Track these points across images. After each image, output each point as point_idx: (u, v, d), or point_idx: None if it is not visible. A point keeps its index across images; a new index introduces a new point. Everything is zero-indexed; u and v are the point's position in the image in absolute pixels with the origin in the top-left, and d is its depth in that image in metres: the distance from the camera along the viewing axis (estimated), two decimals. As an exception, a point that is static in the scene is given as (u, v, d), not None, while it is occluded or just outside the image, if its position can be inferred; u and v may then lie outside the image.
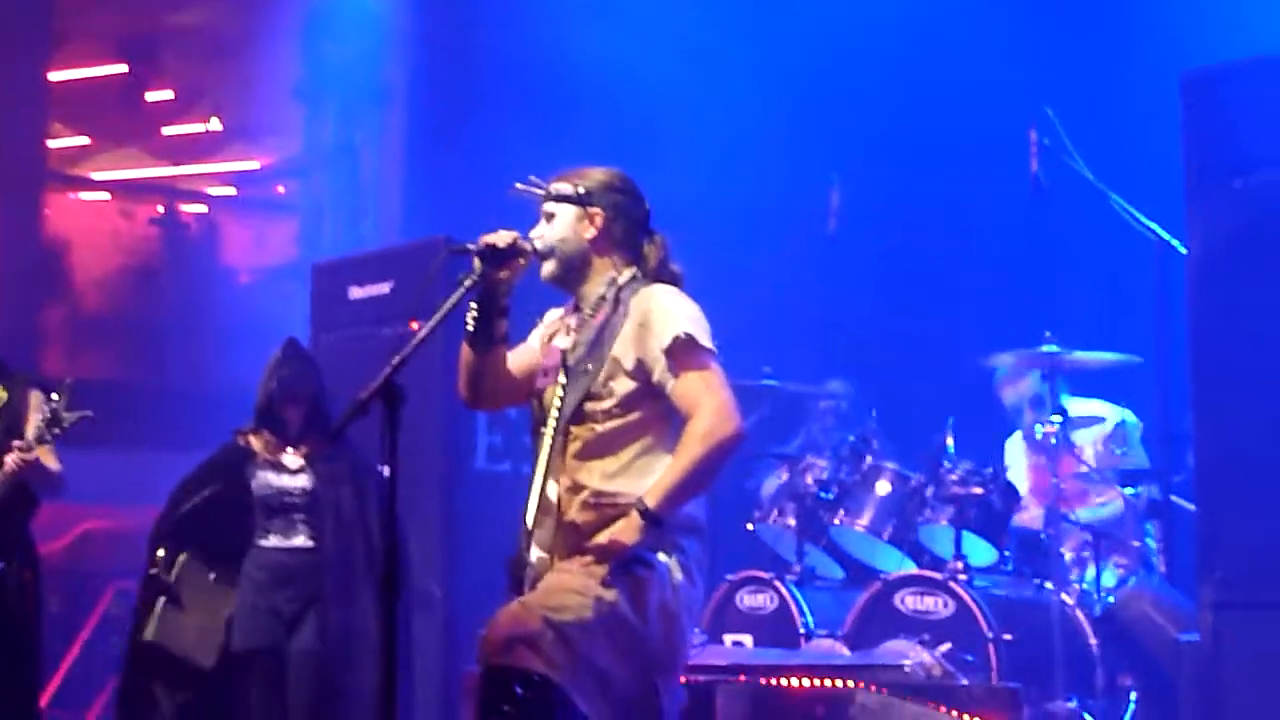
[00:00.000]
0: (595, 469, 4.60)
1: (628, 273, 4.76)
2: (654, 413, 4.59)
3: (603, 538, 4.52)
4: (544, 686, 4.30)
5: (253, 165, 13.80)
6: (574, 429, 4.64)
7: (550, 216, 4.78)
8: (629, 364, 4.59)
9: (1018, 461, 7.98)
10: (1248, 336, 5.81)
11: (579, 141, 9.35)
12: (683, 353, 4.53)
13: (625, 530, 4.47)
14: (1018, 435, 8.02)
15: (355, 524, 6.64)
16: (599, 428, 4.61)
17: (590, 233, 4.77)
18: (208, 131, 13.63)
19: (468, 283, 4.54)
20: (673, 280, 4.79)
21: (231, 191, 14.22)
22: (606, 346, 4.64)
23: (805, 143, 9.33)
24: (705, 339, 4.56)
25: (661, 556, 4.54)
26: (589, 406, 4.61)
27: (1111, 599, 6.87)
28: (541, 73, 10.18)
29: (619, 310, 4.67)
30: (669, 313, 4.58)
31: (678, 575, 4.55)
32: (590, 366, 4.62)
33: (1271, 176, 5.78)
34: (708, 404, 4.49)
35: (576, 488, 4.60)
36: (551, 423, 4.66)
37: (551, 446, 4.64)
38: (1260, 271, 5.79)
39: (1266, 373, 5.73)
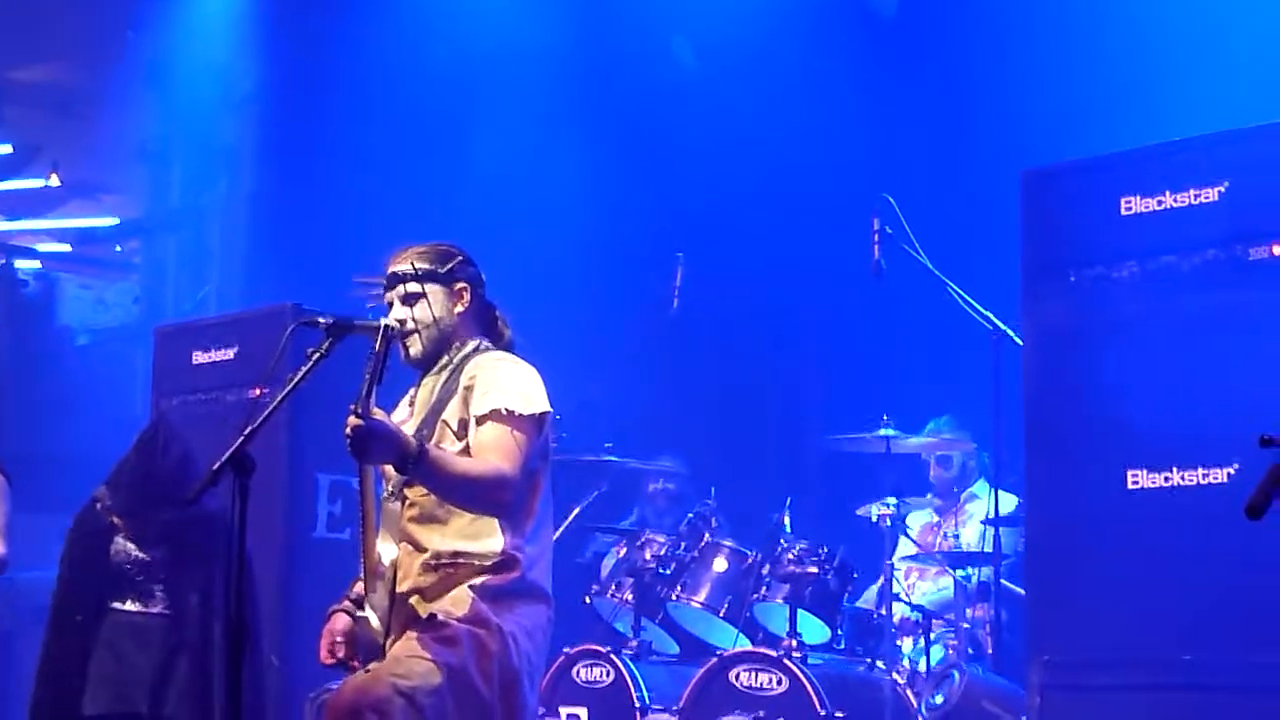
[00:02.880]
0: (433, 532, 4.62)
1: (472, 344, 4.81)
2: None
3: (444, 602, 4.54)
4: None
5: (93, 223, 13.63)
6: (408, 493, 4.65)
7: (415, 296, 4.79)
8: (455, 425, 4.64)
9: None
10: (1078, 427, 5.96)
11: (424, 210, 9.40)
12: (495, 420, 4.57)
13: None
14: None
15: (209, 591, 6.55)
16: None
17: (460, 309, 4.81)
18: (46, 187, 13.43)
19: (317, 356, 4.54)
20: (510, 351, 4.86)
21: (69, 249, 14.02)
22: (439, 412, 4.68)
23: (650, 220, 9.43)
24: (529, 407, 4.59)
25: (503, 618, 4.56)
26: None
27: (940, 699, 6.95)
28: (387, 140, 10.20)
29: (455, 377, 4.71)
30: (495, 382, 4.64)
31: (519, 639, 4.57)
32: (425, 432, 4.65)
33: (1106, 271, 5.95)
34: (494, 461, 4.52)
35: (417, 549, 4.61)
36: (388, 488, 4.68)
37: (388, 513, 4.67)
38: (1092, 364, 5.94)
39: (1097, 461, 5.88)
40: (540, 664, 4.71)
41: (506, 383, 4.64)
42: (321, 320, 4.60)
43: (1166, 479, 5.69)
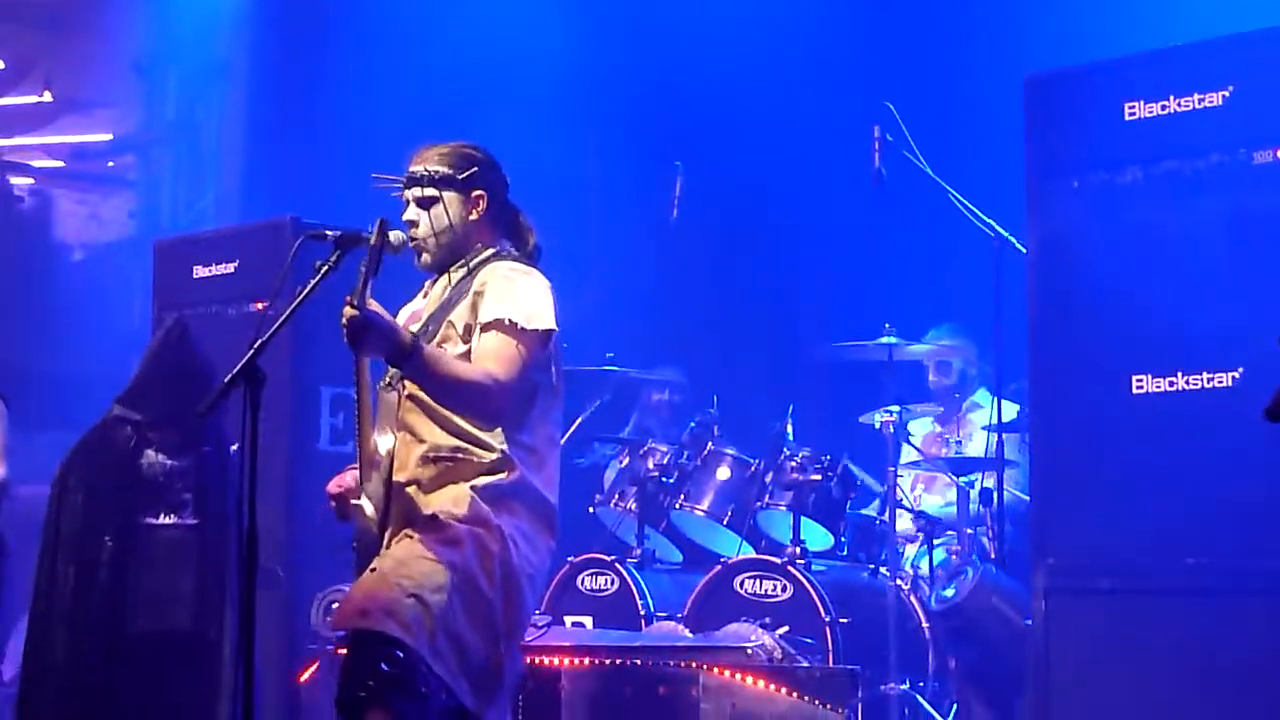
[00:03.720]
0: (433, 424, 4.61)
1: (491, 250, 4.80)
2: None
3: (444, 499, 4.56)
4: (404, 651, 4.31)
5: (87, 139, 13.56)
6: (407, 383, 4.65)
7: (430, 201, 4.78)
8: (460, 329, 4.63)
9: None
10: (1083, 333, 5.97)
11: (421, 120, 9.36)
12: (498, 329, 4.56)
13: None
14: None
15: (224, 502, 6.57)
16: None
17: (475, 215, 4.79)
18: (39, 103, 13.35)
19: (324, 269, 4.53)
20: (533, 258, 4.85)
21: (62, 165, 13.95)
22: (448, 312, 4.69)
23: (649, 130, 9.40)
24: (533, 322, 4.58)
25: (503, 519, 4.57)
26: None
27: (951, 591, 7.02)
28: (387, 50, 10.15)
29: (468, 281, 4.71)
30: (505, 292, 4.61)
31: (518, 542, 4.59)
32: (430, 329, 4.66)
33: (1109, 178, 5.94)
34: (490, 368, 4.51)
35: (416, 440, 4.63)
36: (386, 377, 4.67)
37: (385, 402, 4.65)
38: (1096, 270, 5.95)
39: (1100, 369, 5.89)
40: (541, 568, 4.71)
41: (516, 294, 4.63)
42: (329, 233, 4.60)
43: (1171, 383, 5.71)
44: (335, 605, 5.43)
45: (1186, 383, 5.67)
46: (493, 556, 4.52)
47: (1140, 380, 5.78)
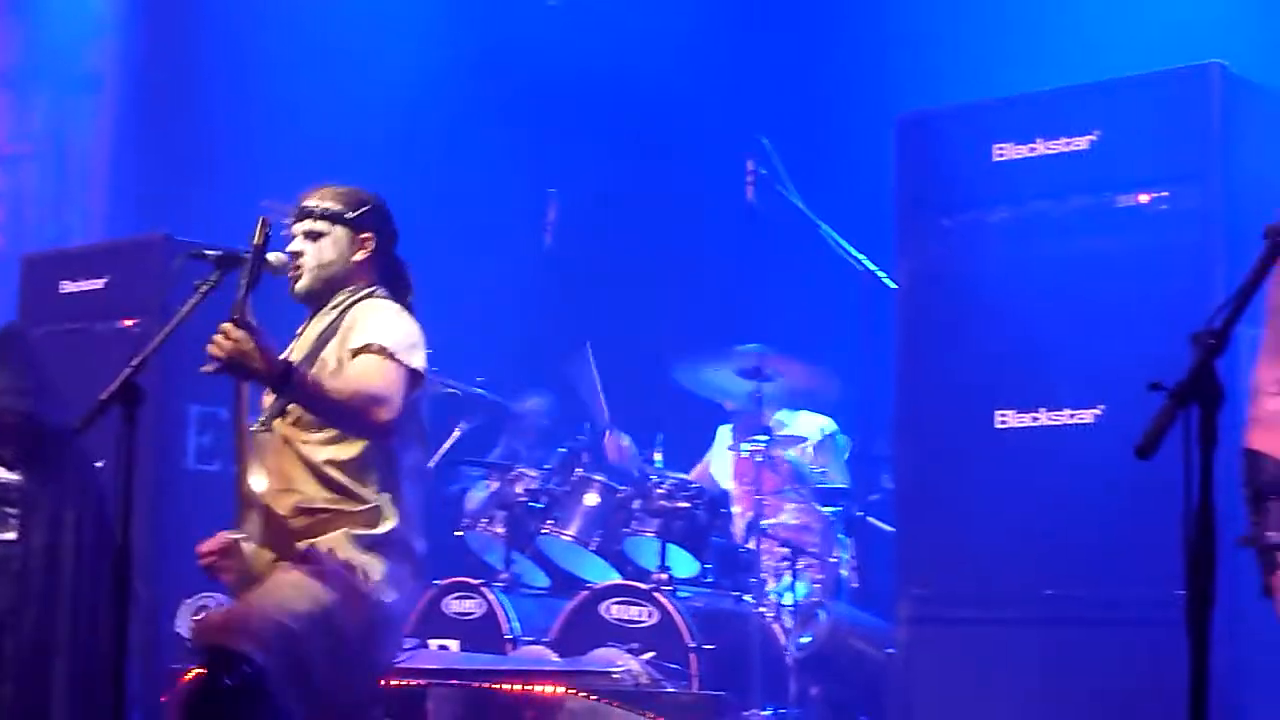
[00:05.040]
0: (306, 478, 4.69)
1: (366, 290, 4.85)
2: None
3: (320, 542, 4.62)
4: (254, 669, 4.35)
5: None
6: (283, 432, 4.71)
7: (318, 235, 4.82)
8: (332, 363, 4.68)
9: (723, 470, 8.22)
10: (949, 368, 6.10)
11: (291, 141, 9.34)
12: (372, 352, 4.61)
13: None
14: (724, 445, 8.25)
15: (71, 521, 6.50)
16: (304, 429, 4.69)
17: (360, 256, 4.84)
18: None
19: (204, 288, 4.57)
20: (409, 307, 4.91)
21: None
22: (320, 349, 4.72)
23: (525, 155, 9.44)
24: (405, 357, 4.63)
25: (375, 567, 4.62)
26: (292, 407, 4.68)
27: (808, 638, 7.09)
28: (259, 67, 10.10)
29: (340, 318, 4.76)
30: (377, 323, 4.69)
31: (387, 589, 4.65)
32: (302, 367, 4.68)
33: (978, 217, 6.08)
34: (375, 381, 4.56)
35: (290, 490, 4.68)
36: (261, 419, 4.72)
37: (259, 443, 4.71)
38: (963, 307, 6.08)
39: (964, 403, 6.02)
40: (405, 618, 4.81)
41: (389, 326, 4.70)
42: (209, 253, 4.63)
43: (1034, 419, 5.84)
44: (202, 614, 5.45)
45: (1049, 419, 5.81)
46: (360, 598, 4.58)
47: (1004, 415, 5.91)
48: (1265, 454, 3.38)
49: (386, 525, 4.69)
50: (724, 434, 8.28)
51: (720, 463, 8.25)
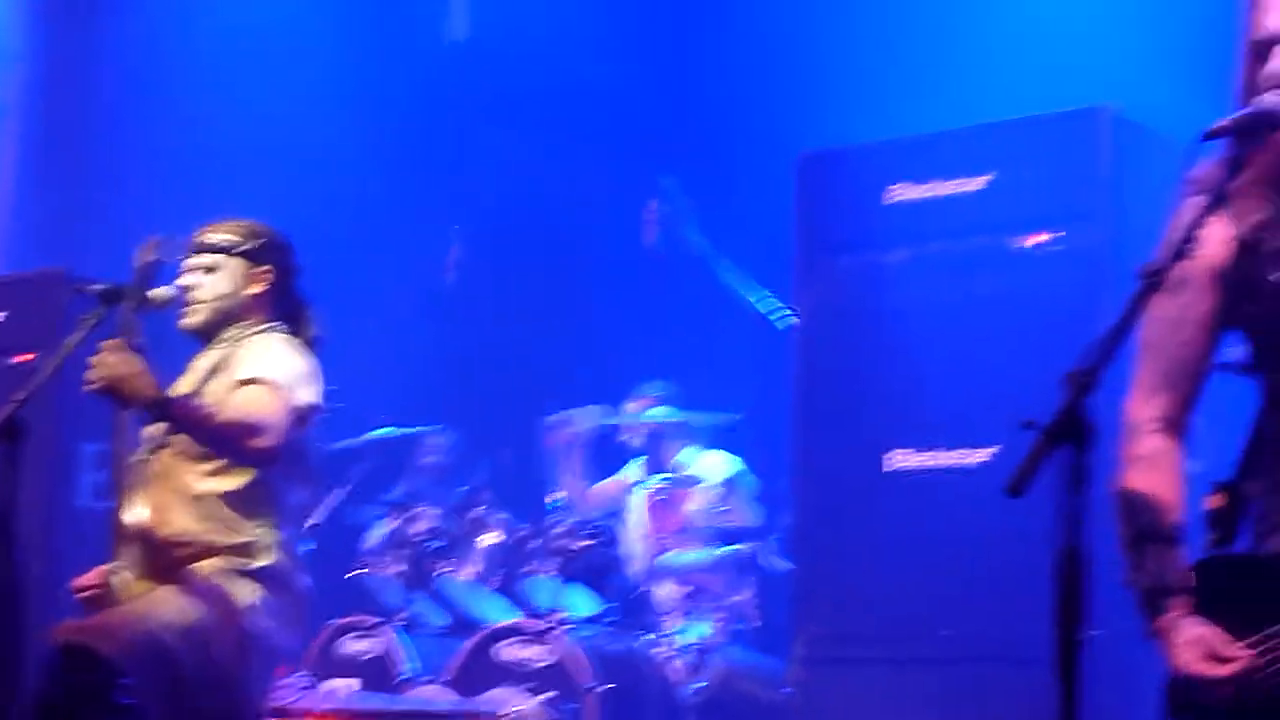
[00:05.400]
0: (185, 510, 4.64)
1: (261, 325, 4.80)
2: None
3: (199, 569, 4.58)
4: (107, 667, 4.31)
5: None
6: (165, 462, 4.67)
7: (211, 269, 4.77)
8: (207, 397, 4.64)
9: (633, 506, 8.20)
10: (845, 407, 6.10)
11: (192, 177, 9.24)
12: (258, 384, 4.58)
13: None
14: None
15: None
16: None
17: (255, 289, 4.79)
18: None
19: (89, 323, 4.52)
20: (309, 345, 4.86)
21: None
22: (208, 383, 4.68)
23: (428, 195, 9.39)
24: (293, 390, 4.59)
25: (249, 593, 4.58)
26: (174, 438, 4.64)
27: (703, 683, 7.06)
28: (160, 102, 9.97)
29: (231, 351, 4.71)
30: (265, 356, 4.65)
31: (261, 616, 4.60)
32: (183, 395, 4.66)
33: (876, 256, 6.09)
34: (257, 410, 4.52)
35: (167, 522, 4.63)
36: (144, 451, 4.68)
37: (142, 475, 4.68)
38: (860, 347, 6.09)
39: (863, 440, 6.03)
40: (287, 648, 4.74)
41: (277, 360, 4.65)
42: (95, 287, 4.59)
43: (931, 459, 5.85)
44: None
45: (944, 459, 5.81)
46: (232, 620, 4.53)
47: (900, 455, 5.91)
48: (1143, 493, 3.33)
49: (265, 559, 4.64)
50: (631, 469, 8.24)
51: (632, 500, 8.18)
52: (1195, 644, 3.17)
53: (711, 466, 7.88)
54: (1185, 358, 3.37)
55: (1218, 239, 3.26)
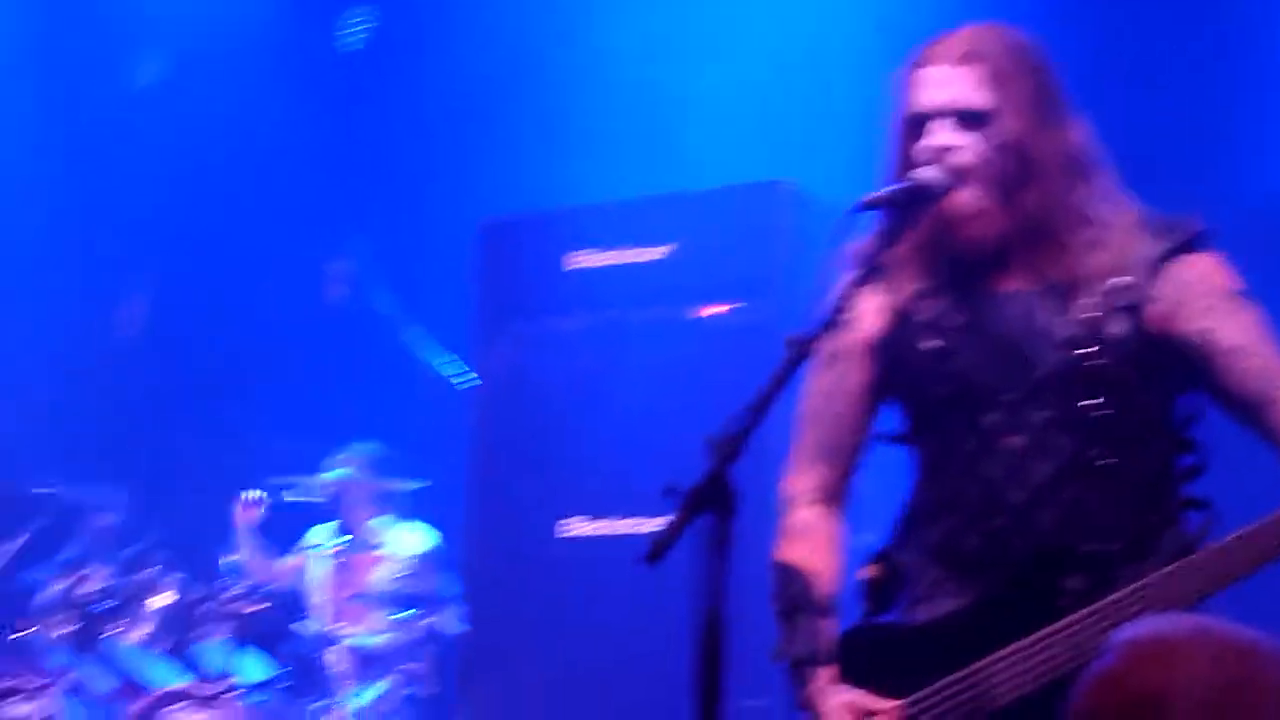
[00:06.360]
0: None
1: None
2: None
3: None
4: None
5: None
6: None
7: None
8: None
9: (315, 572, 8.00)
10: (519, 472, 6.03)
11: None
12: None
13: None
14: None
15: None
16: None
17: None
18: None
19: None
20: None
21: None
22: None
23: (110, 247, 9.08)
24: None
25: None
26: None
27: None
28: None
29: None
30: None
31: None
32: None
33: (555, 322, 6.04)
34: None
35: None
36: None
37: None
38: (535, 413, 6.04)
39: (536, 506, 5.97)
40: None
41: None
42: None
43: (602, 526, 5.78)
44: None
45: (614, 527, 5.76)
46: None
47: (572, 522, 5.85)
48: (794, 566, 3.30)
49: None
50: (316, 533, 8.03)
51: (312, 565, 7.98)
52: (843, 709, 3.16)
53: (405, 540, 7.69)
54: (841, 429, 3.37)
55: (873, 310, 3.28)
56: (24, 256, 9.03)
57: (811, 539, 3.33)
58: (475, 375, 6.30)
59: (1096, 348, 3.08)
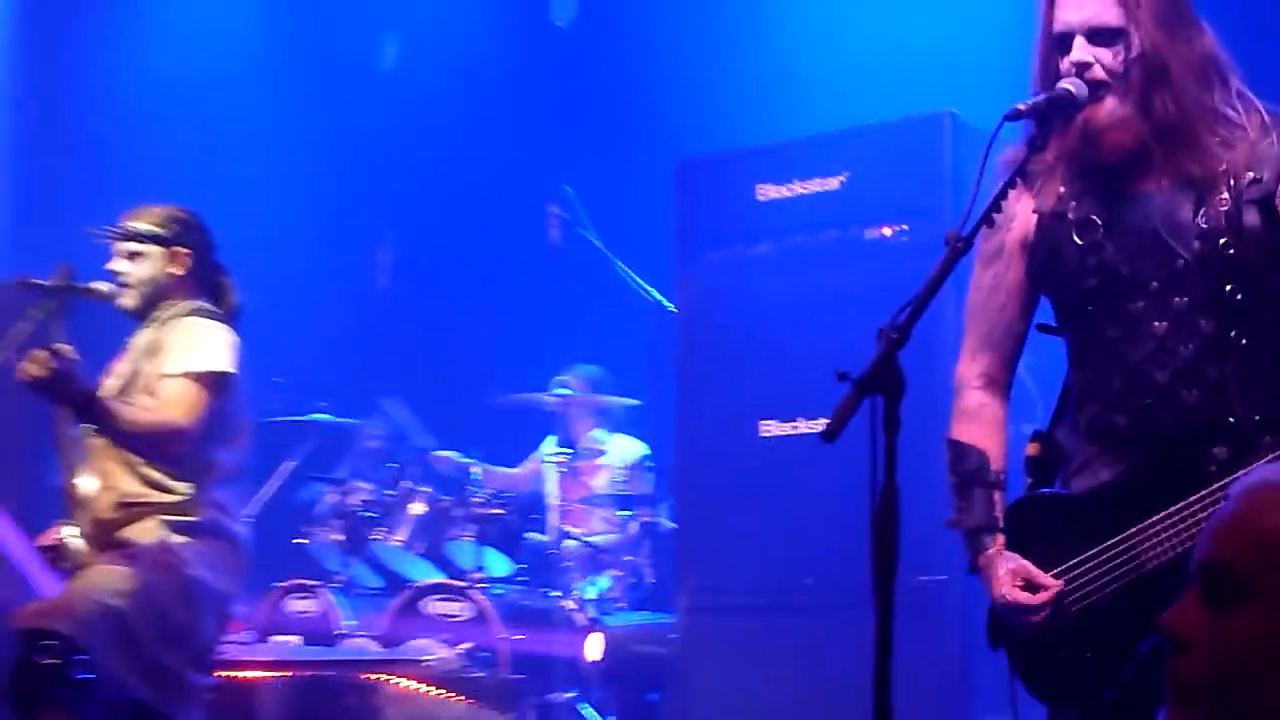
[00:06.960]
0: (125, 472, 4.50)
1: (185, 305, 4.66)
2: None
3: (135, 531, 4.44)
4: (63, 642, 4.15)
5: None
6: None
7: (135, 255, 4.63)
8: (142, 380, 4.53)
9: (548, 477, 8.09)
10: (719, 384, 6.00)
11: (131, 184, 8.92)
12: (178, 376, 4.47)
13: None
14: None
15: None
16: None
17: (176, 270, 4.66)
18: None
19: (38, 314, 4.41)
20: (232, 314, 4.70)
21: None
22: (141, 365, 4.55)
23: (364, 206, 9.26)
24: (208, 366, 4.48)
25: (185, 546, 4.44)
26: None
27: (597, 655, 6.92)
28: (79, 102, 9.56)
29: (159, 334, 4.58)
30: (184, 342, 4.52)
31: (199, 566, 4.46)
32: (128, 383, 4.56)
33: (743, 251, 5.99)
34: (175, 412, 4.41)
35: (110, 487, 4.49)
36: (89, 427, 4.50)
37: (89, 446, 4.53)
38: (731, 330, 5.98)
39: (735, 412, 5.92)
40: (228, 592, 4.58)
41: (195, 346, 4.53)
42: (43, 282, 4.50)
43: (794, 427, 5.75)
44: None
45: (805, 427, 5.71)
46: (173, 572, 4.40)
47: (767, 424, 5.80)
48: (968, 444, 3.28)
49: (196, 514, 4.51)
50: (549, 444, 8.12)
51: (546, 470, 8.07)
52: (1013, 575, 3.14)
53: (622, 449, 7.76)
54: (1001, 321, 3.33)
55: (1025, 212, 3.23)
56: (296, 220, 9.24)
57: (981, 420, 3.30)
58: (677, 300, 6.28)
59: (1232, 237, 2.99)
